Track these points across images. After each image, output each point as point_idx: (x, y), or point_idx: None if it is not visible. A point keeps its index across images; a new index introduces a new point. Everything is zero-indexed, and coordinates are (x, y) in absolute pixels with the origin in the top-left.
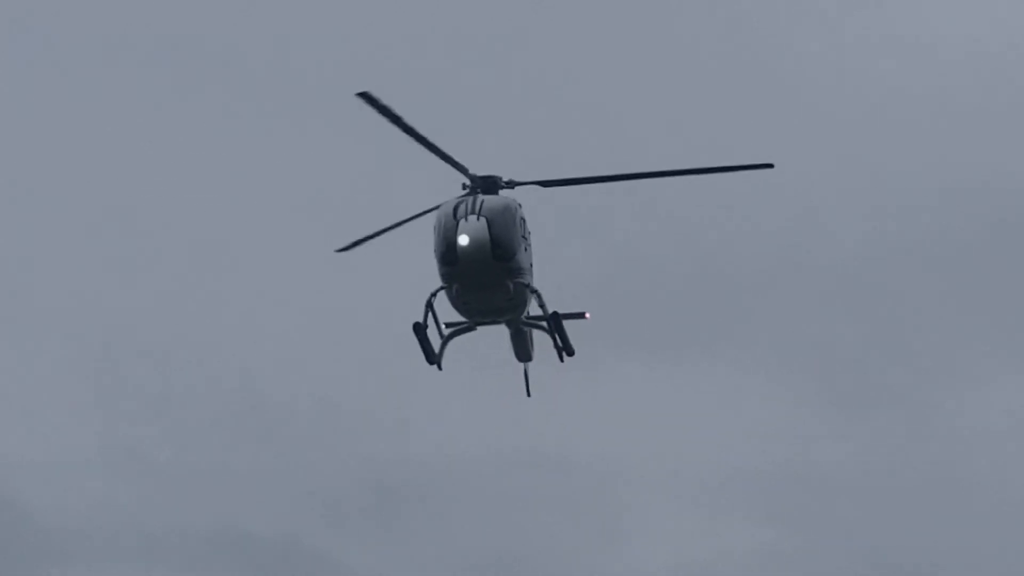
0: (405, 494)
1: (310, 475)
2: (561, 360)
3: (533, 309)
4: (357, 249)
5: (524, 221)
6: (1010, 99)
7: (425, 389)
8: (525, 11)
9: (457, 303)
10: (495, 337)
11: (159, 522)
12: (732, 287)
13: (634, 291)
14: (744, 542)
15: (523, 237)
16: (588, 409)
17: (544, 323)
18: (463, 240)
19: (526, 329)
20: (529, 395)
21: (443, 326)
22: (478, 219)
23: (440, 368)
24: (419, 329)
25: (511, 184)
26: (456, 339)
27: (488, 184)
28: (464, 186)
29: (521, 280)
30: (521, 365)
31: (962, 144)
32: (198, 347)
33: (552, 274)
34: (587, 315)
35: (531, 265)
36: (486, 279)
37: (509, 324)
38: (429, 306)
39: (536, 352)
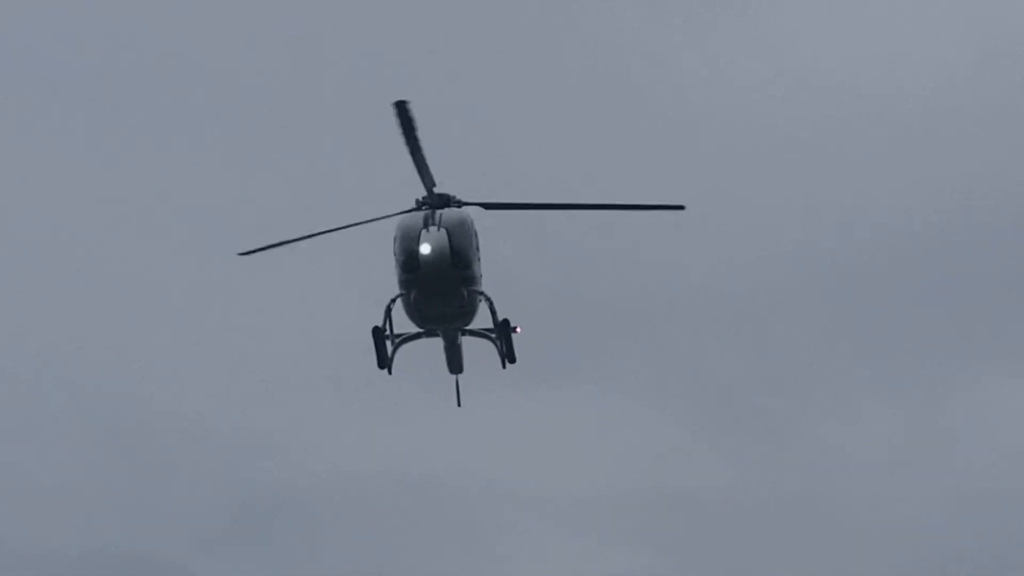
0: (277, 513)
1: (185, 494)
2: (503, 366)
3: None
4: (236, 268)
5: (476, 235)
6: (886, 134)
7: (304, 409)
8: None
9: (412, 310)
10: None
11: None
12: (612, 315)
13: (515, 317)
14: (620, 564)
15: (476, 248)
16: (469, 432)
17: (488, 334)
18: (425, 249)
19: (459, 343)
20: (460, 405)
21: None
22: (439, 230)
23: (390, 372)
24: (377, 333)
25: (459, 203)
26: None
27: (442, 201)
28: (417, 202)
29: (475, 288)
30: (453, 377)
31: (837, 178)
32: (66, 364)
33: None
34: (518, 329)
35: (481, 275)
36: (444, 286)
37: (452, 334)
38: (388, 312)
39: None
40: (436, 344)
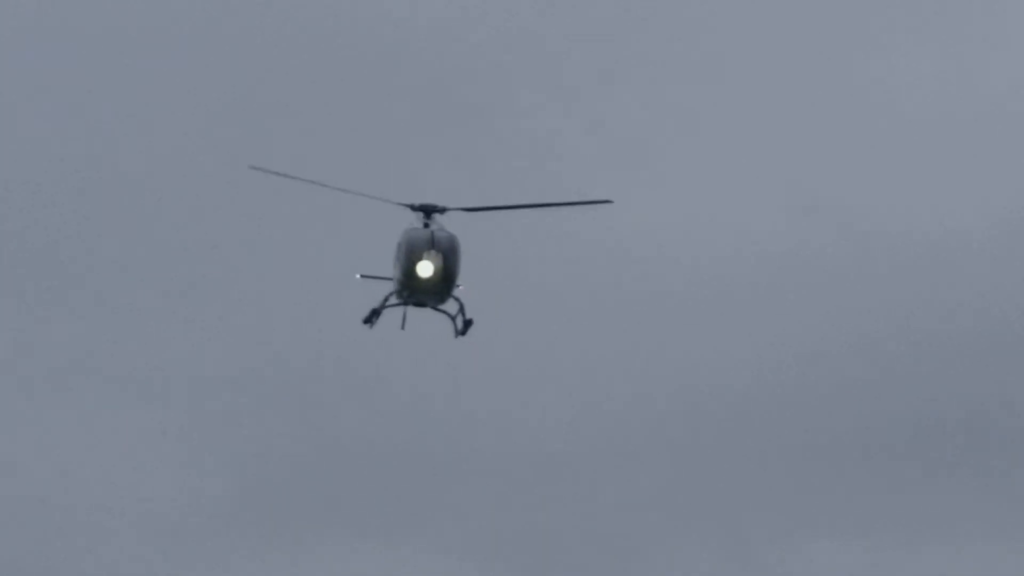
0: None
1: None
2: (455, 336)
3: None
4: None
5: (459, 252)
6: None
7: None
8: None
9: (404, 298)
10: None
11: None
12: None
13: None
14: None
15: (459, 263)
16: None
17: (450, 314)
18: (426, 270)
19: None
20: (403, 328)
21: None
22: (436, 253)
23: (371, 328)
24: (373, 312)
25: (443, 210)
26: None
27: (429, 209)
28: (411, 207)
29: (452, 291)
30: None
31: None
32: None
33: None
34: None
35: (457, 279)
36: (433, 290)
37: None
38: (385, 301)
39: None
40: None
